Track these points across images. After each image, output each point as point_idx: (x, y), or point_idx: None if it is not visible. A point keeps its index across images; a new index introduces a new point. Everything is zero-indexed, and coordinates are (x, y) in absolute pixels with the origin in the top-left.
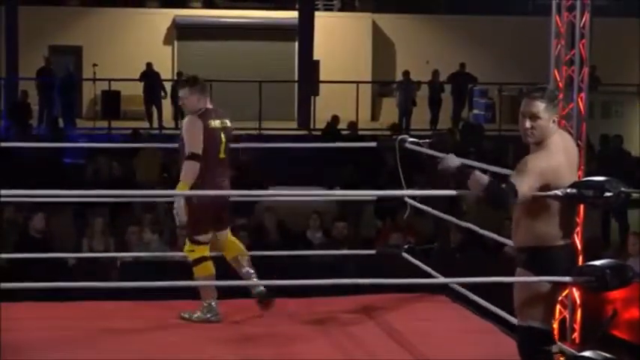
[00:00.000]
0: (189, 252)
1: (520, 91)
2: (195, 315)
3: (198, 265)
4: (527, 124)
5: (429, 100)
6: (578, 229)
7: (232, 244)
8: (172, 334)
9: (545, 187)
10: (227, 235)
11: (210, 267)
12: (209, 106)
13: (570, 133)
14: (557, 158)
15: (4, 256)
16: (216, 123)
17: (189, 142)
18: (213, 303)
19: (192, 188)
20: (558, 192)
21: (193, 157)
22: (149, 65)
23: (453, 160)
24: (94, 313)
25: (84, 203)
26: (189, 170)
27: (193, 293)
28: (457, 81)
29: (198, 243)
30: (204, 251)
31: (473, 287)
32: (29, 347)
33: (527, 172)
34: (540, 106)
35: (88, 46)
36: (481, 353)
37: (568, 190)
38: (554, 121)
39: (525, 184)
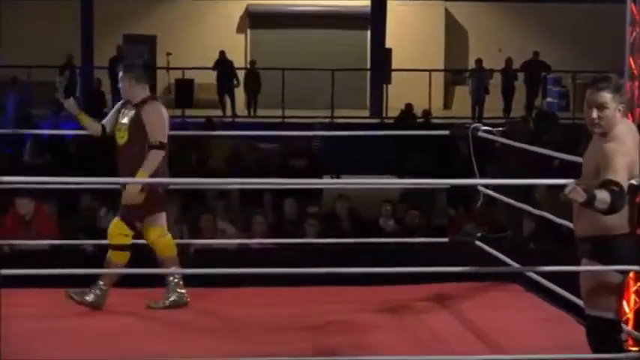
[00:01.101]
0: (120, 235)
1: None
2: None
3: (119, 251)
4: (595, 114)
5: (502, 88)
6: None
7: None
8: (245, 322)
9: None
10: None
11: (126, 257)
12: None
13: None
14: (630, 146)
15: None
16: None
17: (157, 130)
18: (104, 288)
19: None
20: (634, 182)
21: (161, 146)
22: (222, 53)
23: (579, 194)
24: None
25: None
26: (155, 160)
27: (271, 280)
28: (530, 69)
29: (133, 228)
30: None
31: (546, 276)
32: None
33: (618, 169)
34: (607, 97)
35: (162, 35)
36: (555, 342)
37: None
38: (619, 111)
39: (624, 183)
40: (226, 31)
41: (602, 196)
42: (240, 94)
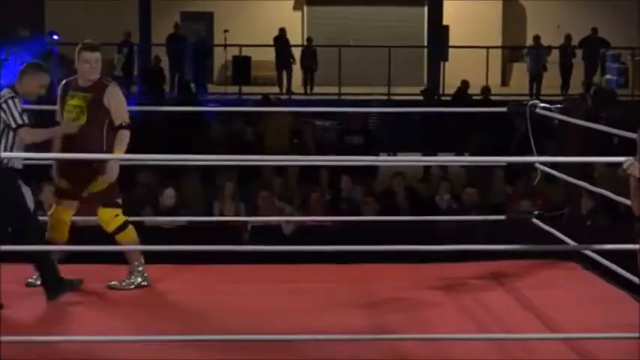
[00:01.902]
0: (115, 217)
1: None
2: (125, 282)
3: (123, 230)
4: None
5: (560, 65)
6: None
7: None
8: (301, 298)
9: None
10: None
11: (133, 231)
12: None
13: None
14: None
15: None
16: None
17: (123, 112)
18: (140, 267)
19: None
20: None
21: (128, 126)
22: (282, 30)
23: (637, 169)
24: (223, 275)
25: (213, 167)
26: (126, 139)
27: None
28: (589, 46)
29: (119, 206)
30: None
31: (604, 254)
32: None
33: None
34: None
35: (219, 12)
36: (614, 321)
37: None
38: None
39: None
40: (283, 8)
41: None
42: (297, 71)
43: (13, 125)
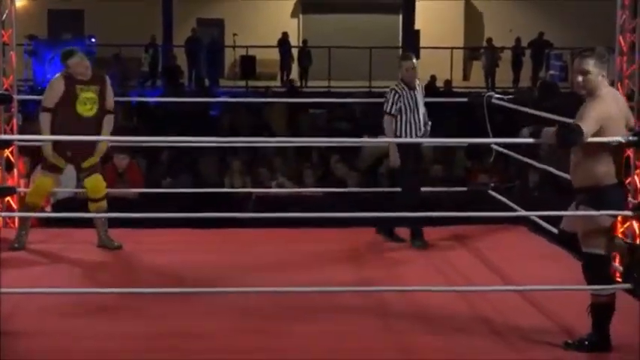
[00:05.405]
0: (104, 186)
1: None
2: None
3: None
4: (579, 78)
5: (512, 62)
6: (638, 170)
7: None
8: (297, 256)
9: (601, 131)
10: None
11: None
12: None
13: (633, 91)
14: (609, 106)
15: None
16: None
17: (113, 99)
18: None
19: None
20: (620, 138)
21: (114, 111)
22: (285, 34)
23: (524, 133)
24: (233, 238)
25: (225, 147)
26: (112, 123)
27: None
28: (536, 46)
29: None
30: None
31: (548, 219)
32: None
33: (586, 117)
34: (590, 63)
35: (229, 18)
36: (555, 275)
37: (630, 138)
38: (602, 76)
39: (585, 127)
40: (282, 15)
41: (549, 129)
42: (294, 67)
43: (385, 110)
